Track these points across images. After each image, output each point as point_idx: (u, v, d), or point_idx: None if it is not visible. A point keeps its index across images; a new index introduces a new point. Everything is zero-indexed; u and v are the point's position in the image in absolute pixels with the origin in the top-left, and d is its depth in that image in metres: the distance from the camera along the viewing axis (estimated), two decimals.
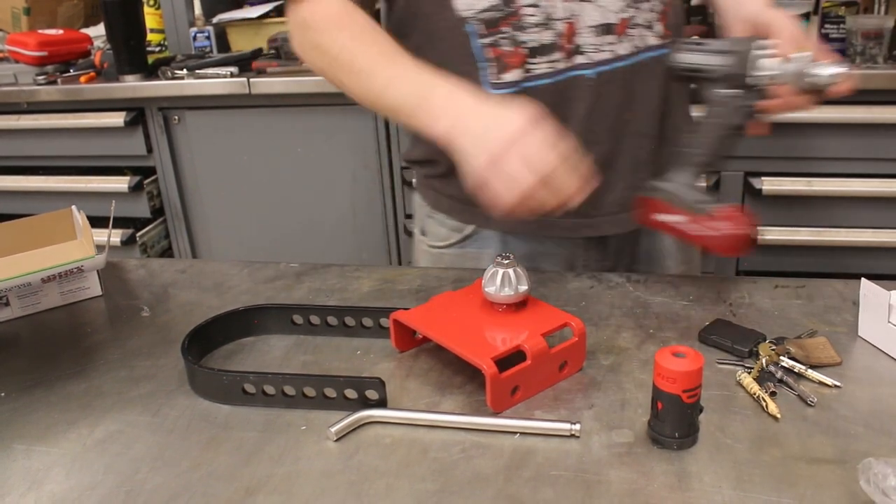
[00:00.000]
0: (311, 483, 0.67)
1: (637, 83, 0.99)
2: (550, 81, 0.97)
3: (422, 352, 0.87)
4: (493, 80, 0.97)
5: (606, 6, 0.95)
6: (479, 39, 0.96)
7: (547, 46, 0.96)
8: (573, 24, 0.95)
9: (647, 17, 0.97)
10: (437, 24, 0.98)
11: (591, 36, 0.95)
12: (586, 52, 0.96)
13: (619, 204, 1.03)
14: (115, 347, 0.92)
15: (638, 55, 0.98)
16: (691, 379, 0.66)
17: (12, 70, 2.41)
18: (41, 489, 0.68)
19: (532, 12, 0.94)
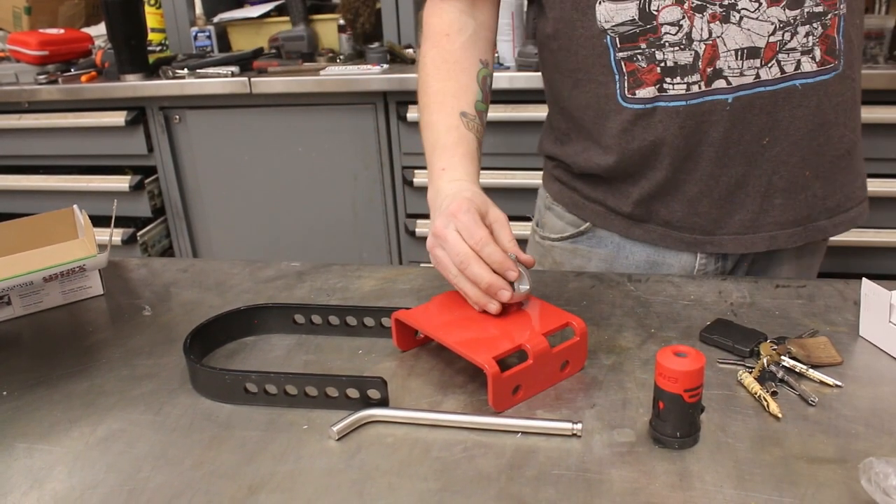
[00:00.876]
0: (313, 482, 0.67)
1: (782, 109, 0.94)
2: (685, 104, 0.94)
3: (423, 351, 0.87)
4: (626, 94, 0.96)
5: (753, 29, 0.89)
6: (616, 53, 0.95)
7: (684, 67, 0.92)
8: (715, 46, 0.91)
9: (804, 42, 0.91)
10: (579, 31, 0.97)
11: (733, 59, 0.91)
12: (727, 75, 0.92)
13: (745, 225, 1.01)
14: (116, 346, 0.92)
15: (786, 81, 0.92)
16: (693, 378, 0.66)
17: (13, 69, 2.41)
18: (43, 488, 0.69)
19: (672, 31, 0.91)
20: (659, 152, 0.98)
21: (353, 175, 2.30)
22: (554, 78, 1.07)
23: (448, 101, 0.99)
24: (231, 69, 2.24)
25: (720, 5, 0.89)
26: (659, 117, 0.95)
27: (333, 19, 2.48)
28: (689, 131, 0.95)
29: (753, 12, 0.89)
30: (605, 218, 1.08)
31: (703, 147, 0.96)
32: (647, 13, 0.91)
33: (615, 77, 0.96)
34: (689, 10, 0.90)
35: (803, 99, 0.94)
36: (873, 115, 1.90)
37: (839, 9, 0.92)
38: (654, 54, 0.93)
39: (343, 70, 2.22)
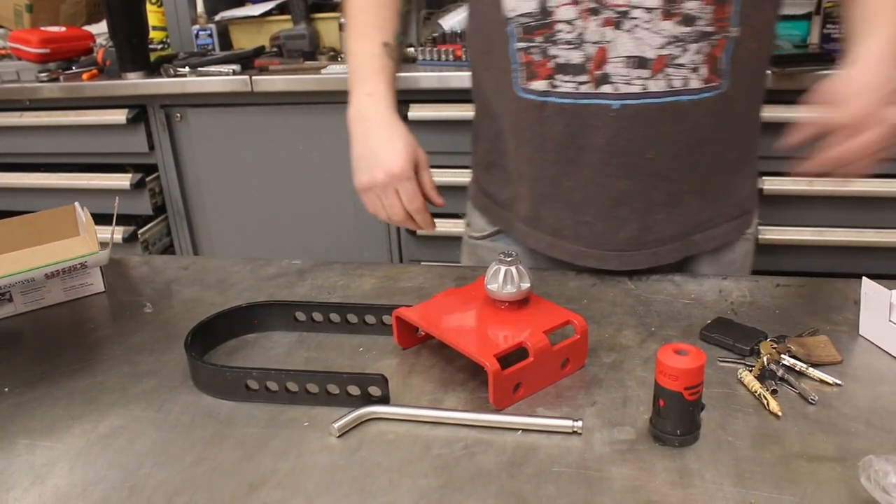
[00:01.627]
0: (314, 478, 0.67)
1: (667, 124, 0.95)
2: (572, 102, 0.95)
3: (424, 349, 0.87)
4: (522, 85, 0.98)
5: (644, 39, 0.91)
6: (516, 43, 0.96)
7: (574, 66, 0.93)
8: (605, 50, 0.92)
9: (693, 59, 0.92)
10: (488, 17, 0.99)
11: (622, 66, 0.92)
12: (614, 81, 0.93)
13: (629, 242, 1.02)
14: (118, 343, 0.93)
15: (673, 95, 0.93)
16: (693, 376, 0.66)
17: (15, 67, 2.41)
18: (45, 484, 0.69)
19: (567, 29, 0.92)
20: (546, 147, 1.00)
21: None
22: (472, 60, 1.12)
23: (372, 31, 1.07)
24: (232, 67, 2.24)
25: (614, 11, 0.90)
26: (548, 112, 0.97)
27: (335, 18, 2.48)
28: (575, 130, 0.96)
29: (646, 23, 0.90)
30: (509, 222, 1.12)
31: (588, 152, 0.97)
32: (545, 8, 0.93)
33: (513, 66, 0.98)
34: (584, 11, 0.91)
35: (687, 115, 0.95)
36: None
37: (729, 31, 0.92)
38: (547, 49, 0.95)
39: (344, 69, 2.21)
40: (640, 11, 0.90)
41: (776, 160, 2.00)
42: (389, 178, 1.01)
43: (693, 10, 0.90)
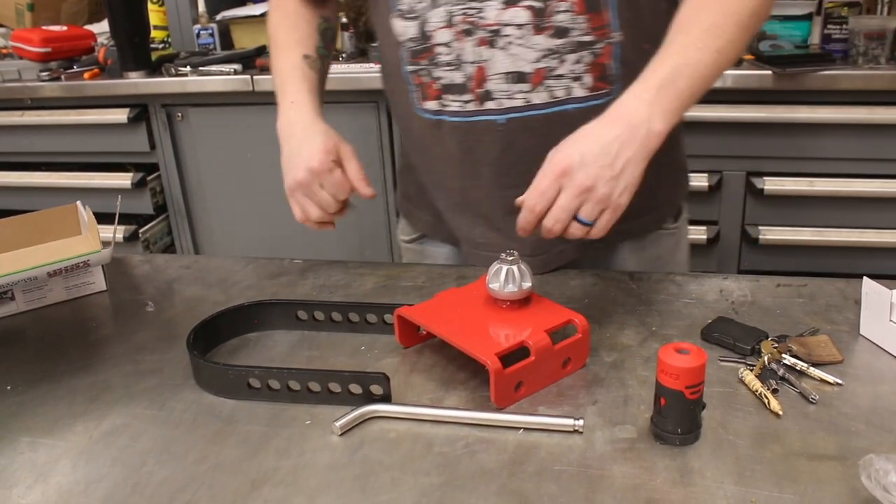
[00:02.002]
0: (316, 476, 0.67)
1: (555, 133, 0.91)
2: (462, 120, 0.98)
3: (426, 348, 0.87)
4: (418, 105, 1.01)
5: (519, 55, 0.92)
6: (407, 66, 0.99)
7: (458, 86, 0.96)
8: (483, 69, 0.94)
9: (573, 69, 0.93)
10: (386, 40, 1.02)
11: (502, 83, 0.94)
12: (497, 97, 0.95)
13: (535, 246, 1.02)
14: (120, 342, 0.93)
15: (558, 105, 0.95)
16: (694, 375, 0.67)
17: (16, 66, 2.41)
18: (48, 481, 0.69)
19: (445, 52, 0.95)
20: (449, 163, 1.03)
21: None
22: (382, 79, 1.13)
23: (292, 46, 1.10)
24: (233, 67, 2.24)
25: (487, 31, 0.92)
26: (444, 129, 1.00)
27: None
28: (469, 147, 0.99)
29: (519, 39, 0.92)
30: (434, 228, 1.14)
31: (483, 166, 1.00)
32: (424, 33, 0.95)
33: (409, 87, 1.01)
34: (458, 33, 0.93)
35: (575, 123, 0.93)
36: (876, 115, 1.91)
37: (611, 37, 0.93)
38: (432, 71, 0.97)
39: (345, 68, 2.22)
40: (511, 28, 0.91)
41: (778, 160, 2.01)
42: (310, 174, 1.00)
43: (565, 23, 0.91)
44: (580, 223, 0.83)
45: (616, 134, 0.82)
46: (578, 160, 0.81)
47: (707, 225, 2.10)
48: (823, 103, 1.93)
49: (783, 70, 1.88)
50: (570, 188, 0.81)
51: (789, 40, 2.10)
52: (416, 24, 0.95)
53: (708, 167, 2.05)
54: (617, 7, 0.92)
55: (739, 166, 2.05)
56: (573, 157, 0.82)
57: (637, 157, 0.82)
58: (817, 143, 1.98)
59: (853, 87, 1.91)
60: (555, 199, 0.82)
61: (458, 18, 0.92)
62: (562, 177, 0.82)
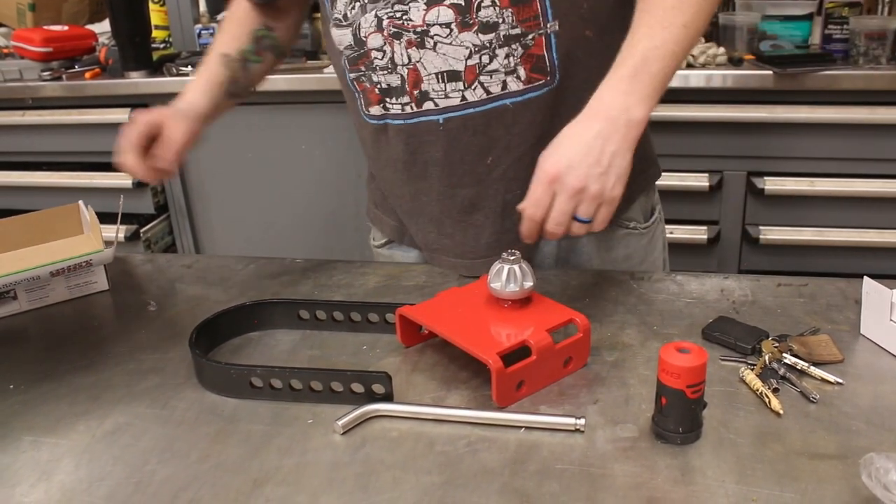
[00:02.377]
0: (318, 475, 0.67)
1: (496, 129, 0.96)
2: (404, 123, 0.98)
3: (427, 347, 0.87)
4: (364, 111, 1.02)
5: (449, 54, 0.92)
6: (349, 73, 1.00)
7: (395, 89, 0.96)
8: (417, 70, 0.94)
9: (505, 63, 0.92)
10: (332, 49, 1.03)
11: (436, 82, 0.94)
12: (433, 98, 0.95)
13: (491, 247, 1.02)
14: (122, 341, 0.93)
15: (495, 101, 0.94)
16: (695, 374, 0.67)
17: (17, 66, 2.41)
18: (51, 480, 0.69)
19: (379, 56, 0.95)
20: (397, 167, 1.03)
21: (357, 172, 2.30)
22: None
23: (218, 45, 1.11)
24: None
25: (414, 32, 0.92)
26: (391, 133, 1.01)
27: None
28: (414, 149, 1.00)
29: (446, 37, 0.92)
30: (399, 232, 1.14)
31: (431, 166, 1.00)
32: (358, 39, 0.96)
33: (355, 94, 1.02)
34: (388, 36, 0.93)
35: (517, 117, 0.95)
36: (876, 115, 1.91)
37: (545, 28, 0.92)
38: (371, 76, 0.98)
39: None
40: (438, 28, 0.91)
41: (779, 160, 2.01)
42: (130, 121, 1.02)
43: (491, 17, 0.90)
44: (580, 222, 0.83)
45: (597, 130, 0.82)
46: (566, 164, 0.82)
47: (708, 225, 2.10)
48: (824, 103, 1.93)
49: (784, 70, 1.88)
50: (564, 192, 0.82)
51: (790, 40, 2.10)
52: (350, 31, 0.96)
53: (709, 167, 2.05)
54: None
55: (740, 166, 2.05)
56: (560, 161, 0.82)
57: (622, 148, 0.82)
58: (818, 144, 1.98)
59: (854, 88, 1.91)
60: (551, 205, 0.83)
61: (386, 22, 0.93)
62: (553, 183, 0.82)
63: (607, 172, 0.81)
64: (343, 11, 0.96)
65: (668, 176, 2.02)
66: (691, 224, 2.10)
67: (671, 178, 2.04)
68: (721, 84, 1.90)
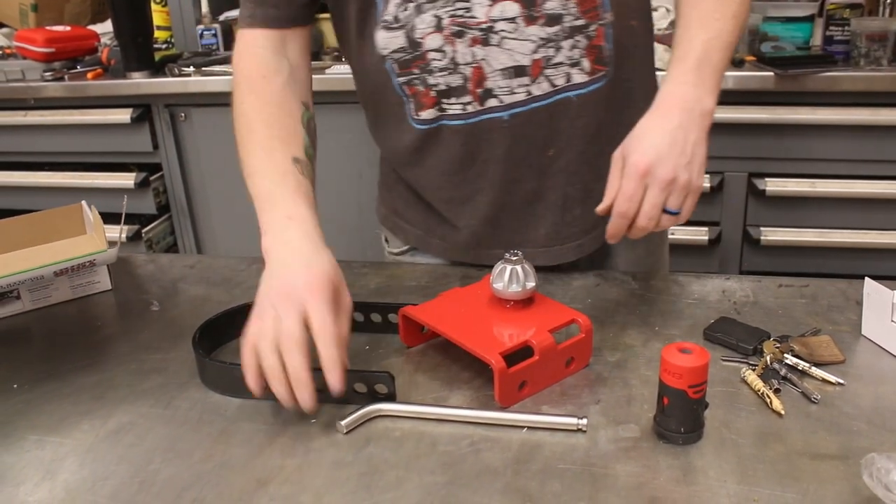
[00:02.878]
0: (321, 474, 0.68)
1: (559, 121, 0.96)
2: (464, 123, 0.97)
3: (430, 347, 0.88)
4: (413, 116, 1.00)
5: (515, 49, 0.92)
6: (397, 77, 0.98)
7: (456, 89, 0.95)
8: (481, 68, 0.93)
9: (570, 55, 0.93)
10: (365, 59, 1.00)
11: (501, 79, 0.93)
12: (498, 94, 0.94)
13: (549, 237, 1.04)
14: (125, 341, 0.93)
15: (559, 94, 0.95)
16: (697, 375, 0.67)
17: (20, 66, 2.41)
18: (55, 479, 0.69)
19: (438, 57, 0.93)
20: (450, 169, 1.01)
21: (359, 173, 2.31)
22: (361, 98, 1.11)
23: (277, 146, 0.93)
24: None
25: (478, 29, 0.91)
26: (444, 135, 0.99)
27: None
28: (473, 148, 0.98)
29: (512, 32, 0.91)
30: (423, 240, 1.12)
31: (491, 163, 0.99)
32: (413, 41, 0.94)
33: (403, 98, 0.99)
34: (449, 36, 0.92)
35: (580, 109, 0.96)
36: (878, 116, 1.91)
37: (603, 18, 0.93)
38: (426, 79, 0.96)
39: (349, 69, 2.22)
40: (503, 23, 0.91)
41: (780, 161, 2.01)
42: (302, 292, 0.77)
43: (556, 9, 0.91)
44: (669, 213, 0.84)
45: (678, 122, 0.83)
46: (655, 156, 0.82)
47: (709, 226, 2.10)
48: (825, 104, 1.93)
49: (785, 71, 1.89)
50: (656, 184, 0.82)
51: (791, 42, 2.11)
52: (403, 32, 0.94)
53: (710, 168, 2.04)
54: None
55: (741, 167, 2.05)
56: (649, 154, 0.82)
57: (700, 138, 0.84)
58: (819, 145, 1.98)
59: (855, 89, 1.91)
60: (643, 199, 0.83)
61: (447, 21, 0.92)
62: (645, 176, 0.82)
63: (692, 162, 0.83)
64: (394, 13, 0.93)
65: None
66: (692, 225, 2.10)
67: None
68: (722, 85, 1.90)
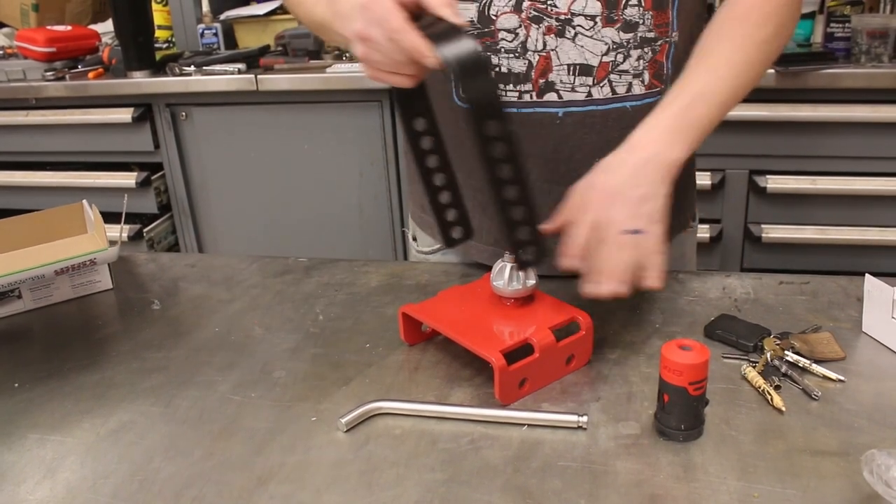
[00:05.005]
0: (322, 472, 0.68)
1: (612, 130, 0.95)
2: (516, 111, 0.95)
3: (430, 345, 0.88)
4: (461, 94, 0.97)
5: (587, 46, 0.91)
6: None
7: (517, 75, 0.93)
8: (549, 58, 0.92)
9: (636, 65, 0.93)
10: None
11: (566, 74, 0.92)
12: (558, 89, 0.93)
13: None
14: (126, 339, 0.93)
15: (617, 102, 0.94)
16: (697, 371, 0.67)
17: (21, 66, 2.42)
18: (56, 477, 0.70)
19: (509, 38, 0.92)
20: None
21: (359, 171, 2.31)
22: None
23: None
24: (237, 66, 2.25)
25: (556, 19, 0.90)
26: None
27: None
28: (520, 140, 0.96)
29: (588, 30, 0.90)
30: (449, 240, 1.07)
31: (532, 159, 0.97)
32: (485, 17, 0.92)
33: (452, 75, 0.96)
34: (526, 19, 0.91)
35: (633, 121, 0.93)
36: (878, 113, 1.91)
37: (671, 36, 0.93)
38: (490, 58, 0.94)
39: (349, 68, 2.22)
40: (581, 19, 0.90)
41: (781, 158, 2.01)
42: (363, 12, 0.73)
43: (634, 17, 0.90)
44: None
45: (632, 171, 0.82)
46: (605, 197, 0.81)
47: (710, 223, 2.10)
48: (826, 101, 1.93)
49: (786, 68, 1.89)
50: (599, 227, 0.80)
51: (792, 39, 2.10)
52: (477, 6, 0.91)
53: (711, 165, 2.06)
54: (677, 6, 0.92)
55: (742, 165, 2.05)
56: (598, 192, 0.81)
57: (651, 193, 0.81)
58: (820, 142, 1.98)
59: (856, 86, 1.91)
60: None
61: (527, 4, 0.90)
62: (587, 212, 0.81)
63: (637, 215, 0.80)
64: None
65: None
66: None
67: None
68: None
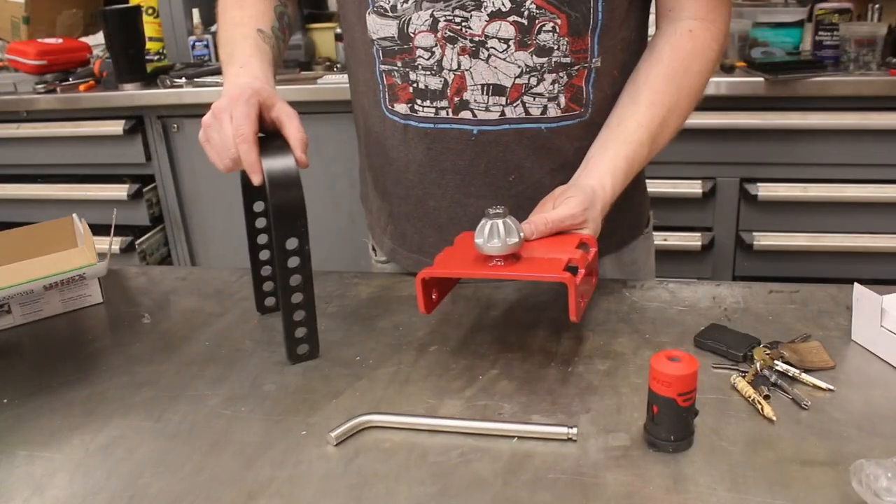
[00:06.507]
0: (312, 486, 0.68)
1: (526, 149, 0.97)
2: (431, 127, 0.97)
3: (421, 357, 0.88)
4: (386, 105, 1.00)
5: (500, 68, 0.93)
6: (380, 64, 0.98)
7: (434, 92, 0.95)
8: (463, 78, 0.94)
9: (550, 89, 0.94)
10: (356, 37, 1.01)
11: (480, 94, 0.94)
12: (472, 108, 0.95)
13: None
14: (116, 354, 0.93)
15: (532, 123, 0.96)
16: (686, 382, 0.67)
17: (12, 79, 2.42)
18: (45, 494, 0.69)
19: (426, 56, 0.94)
20: (410, 169, 1.02)
21: (350, 183, 2.31)
22: (349, 75, 1.10)
23: (245, 21, 1.00)
24: None
25: (471, 40, 0.92)
26: (410, 135, 0.99)
27: (330, 28, 2.49)
28: (436, 154, 0.99)
29: (501, 52, 0.92)
30: (379, 239, 1.13)
31: (449, 174, 1.00)
32: (405, 34, 0.94)
33: (380, 86, 1.00)
34: (441, 39, 0.93)
35: (548, 141, 0.97)
36: (867, 121, 1.92)
37: (590, 62, 0.95)
38: (408, 74, 0.96)
39: (340, 78, 2.23)
40: (495, 41, 0.92)
41: (772, 166, 2.02)
42: (227, 101, 0.87)
43: (548, 42, 0.92)
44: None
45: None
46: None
47: (701, 231, 2.11)
48: (816, 109, 1.94)
49: (775, 77, 1.90)
50: None
51: (781, 47, 2.12)
52: (396, 23, 0.94)
53: (702, 174, 2.06)
54: (599, 35, 0.94)
55: (733, 173, 2.06)
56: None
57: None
58: (810, 149, 1.99)
59: (845, 93, 1.92)
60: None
61: (442, 24, 0.92)
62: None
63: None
64: (391, 2, 0.93)
65: (661, 183, 2.04)
66: (685, 231, 2.11)
67: (664, 185, 2.05)
68: (713, 91, 1.91)
